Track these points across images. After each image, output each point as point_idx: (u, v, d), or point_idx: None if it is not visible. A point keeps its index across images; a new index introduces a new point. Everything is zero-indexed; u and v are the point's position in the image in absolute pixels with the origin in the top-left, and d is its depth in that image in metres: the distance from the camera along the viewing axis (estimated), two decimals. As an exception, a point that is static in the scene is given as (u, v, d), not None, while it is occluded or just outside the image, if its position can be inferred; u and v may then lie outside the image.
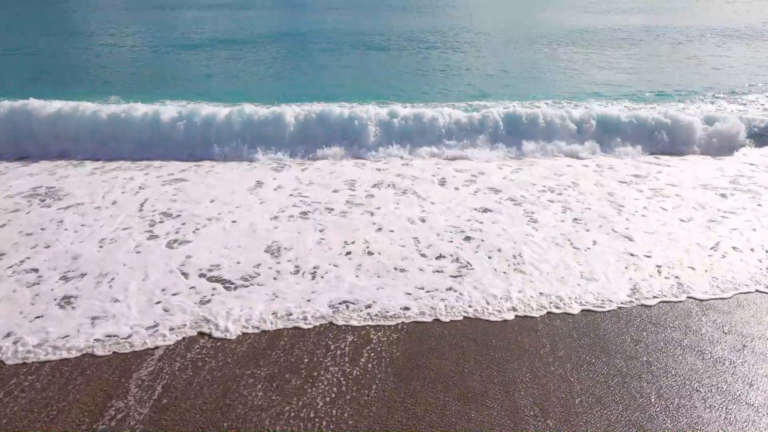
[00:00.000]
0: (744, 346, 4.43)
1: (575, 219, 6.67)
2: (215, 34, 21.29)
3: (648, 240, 6.12)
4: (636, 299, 5.01)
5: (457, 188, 7.64)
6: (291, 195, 7.32)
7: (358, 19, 26.39)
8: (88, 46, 18.35)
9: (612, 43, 20.13)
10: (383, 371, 4.07)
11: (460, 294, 5.06)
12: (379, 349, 4.31)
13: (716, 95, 12.84)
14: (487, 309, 4.85)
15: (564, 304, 4.91)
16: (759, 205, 7.13)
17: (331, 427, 3.55)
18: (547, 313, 4.80)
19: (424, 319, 4.70)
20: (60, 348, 4.23)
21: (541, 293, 5.07)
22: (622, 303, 4.95)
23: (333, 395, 3.81)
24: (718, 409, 3.77)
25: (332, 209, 6.87)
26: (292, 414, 3.65)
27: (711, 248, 5.96)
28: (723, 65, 16.23)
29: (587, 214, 6.81)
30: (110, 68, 15.28)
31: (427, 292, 5.10)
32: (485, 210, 6.91)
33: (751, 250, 5.92)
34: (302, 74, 14.80)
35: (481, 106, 11.07)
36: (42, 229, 6.24)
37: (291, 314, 4.73)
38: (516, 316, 4.74)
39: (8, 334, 4.37)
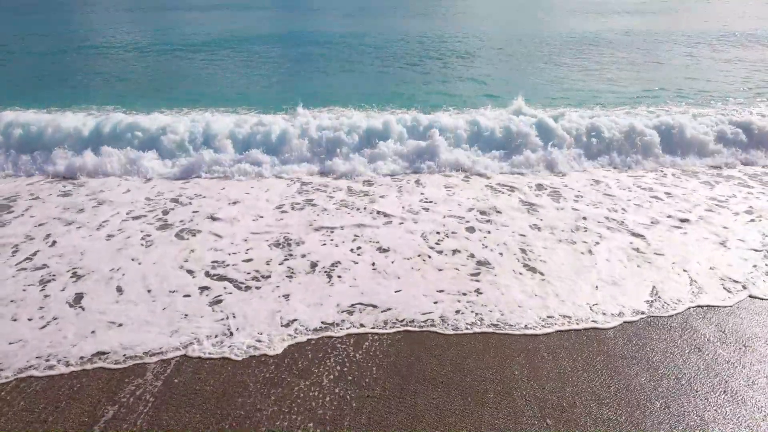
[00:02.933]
0: (745, 346, 4.41)
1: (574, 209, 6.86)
2: (213, 36, 20.93)
3: (653, 236, 6.15)
4: (656, 308, 4.86)
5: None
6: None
7: (363, 22, 26.28)
8: (82, 51, 17.78)
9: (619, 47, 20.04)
10: (383, 370, 4.05)
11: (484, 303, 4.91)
12: (379, 348, 4.30)
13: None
14: (511, 321, 4.66)
15: (594, 320, 4.68)
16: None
17: (331, 425, 3.54)
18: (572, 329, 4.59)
19: (446, 332, 4.55)
20: (65, 360, 4.12)
21: (562, 301, 4.94)
22: (643, 312, 4.81)
23: (334, 393, 3.80)
24: (718, 409, 3.75)
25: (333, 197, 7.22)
26: (294, 408, 3.65)
27: (719, 244, 6.00)
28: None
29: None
30: (107, 73, 14.73)
31: (448, 294, 5.05)
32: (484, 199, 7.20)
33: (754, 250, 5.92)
34: (299, 79, 14.50)
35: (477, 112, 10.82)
36: (55, 218, 6.39)
37: (298, 319, 4.62)
38: (546, 332, 4.54)
39: (11, 342, 4.29)
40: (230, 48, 18.22)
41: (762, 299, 5.05)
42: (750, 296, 5.07)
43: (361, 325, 4.56)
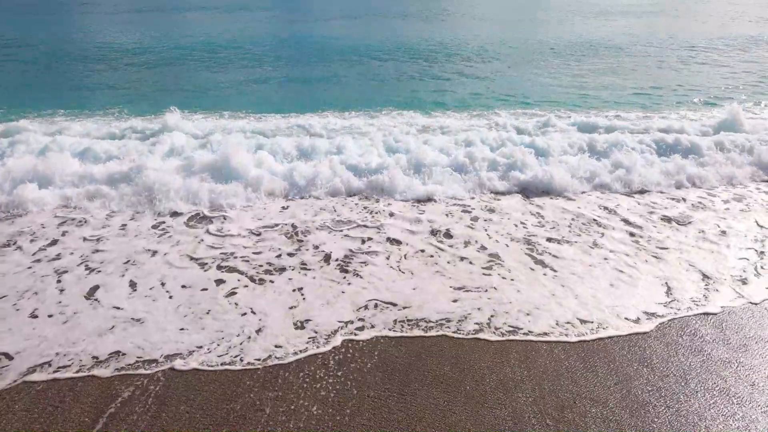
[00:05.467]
0: (746, 347, 4.27)
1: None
2: (213, 38, 20.28)
3: (651, 233, 6.02)
4: (666, 311, 4.67)
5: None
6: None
7: (367, 24, 25.78)
8: (81, 53, 17.10)
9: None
10: (384, 369, 3.94)
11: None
12: (384, 347, 4.18)
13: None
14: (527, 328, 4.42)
15: (613, 326, 4.46)
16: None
17: (332, 423, 3.46)
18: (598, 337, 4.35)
19: (461, 336, 4.33)
20: (77, 360, 3.98)
21: (581, 302, 4.76)
22: (654, 315, 4.61)
23: (333, 393, 3.72)
24: (719, 410, 3.62)
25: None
26: (291, 408, 3.57)
27: (717, 242, 5.86)
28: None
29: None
30: (108, 75, 14.17)
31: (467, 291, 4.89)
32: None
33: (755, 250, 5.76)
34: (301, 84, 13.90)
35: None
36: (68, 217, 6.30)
37: (311, 320, 4.43)
38: (567, 341, 4.30)
39: (27, 338, 4.16)
40: (232, 50, 17.75)
41: (763, 300, 4.91)
42: (750, 302, 4.90)
43: (372, 326, 4.40)
